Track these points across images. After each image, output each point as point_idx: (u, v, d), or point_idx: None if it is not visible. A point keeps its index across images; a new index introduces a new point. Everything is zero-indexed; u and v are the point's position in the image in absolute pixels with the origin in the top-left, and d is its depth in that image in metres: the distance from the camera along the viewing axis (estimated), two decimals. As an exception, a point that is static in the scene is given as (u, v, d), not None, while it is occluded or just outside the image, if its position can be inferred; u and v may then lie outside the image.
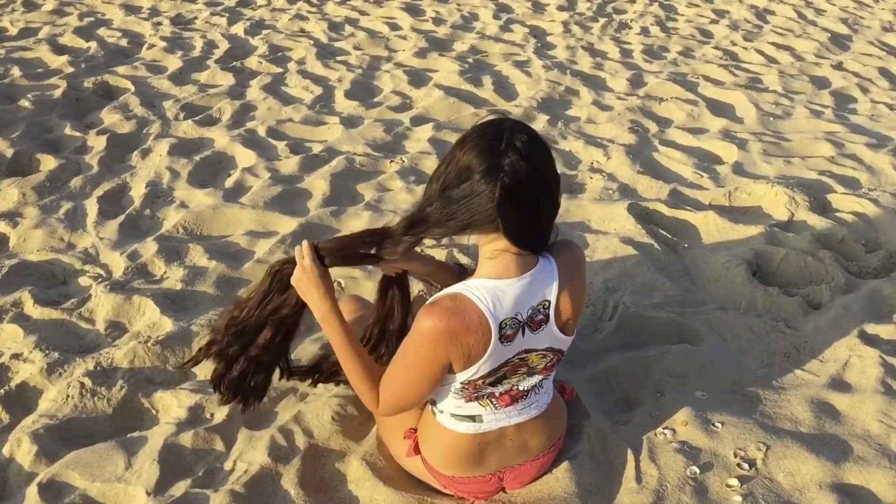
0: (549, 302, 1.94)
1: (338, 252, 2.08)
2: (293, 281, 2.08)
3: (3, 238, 3.59)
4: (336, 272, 2.89)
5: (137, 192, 3.98)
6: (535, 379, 2.06)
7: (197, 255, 3.41)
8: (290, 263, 2.12)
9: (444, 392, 2.02)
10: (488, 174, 1.78)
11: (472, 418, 2.06)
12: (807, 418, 2.46)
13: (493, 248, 1.90)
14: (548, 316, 1.95)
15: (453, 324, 1.85)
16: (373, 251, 2.07)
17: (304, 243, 2.08)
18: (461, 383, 1.96)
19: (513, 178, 1.78)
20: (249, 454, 2.35)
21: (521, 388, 2.05)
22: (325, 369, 2.43)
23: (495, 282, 1.89)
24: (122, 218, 3.73)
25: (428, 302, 1.92)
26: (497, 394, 2.02)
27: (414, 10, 7.39)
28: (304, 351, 2.78)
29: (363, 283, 3.19)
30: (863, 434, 2.40)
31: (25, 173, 4.14)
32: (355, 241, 2.09)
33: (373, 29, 6.85)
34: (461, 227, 1.85)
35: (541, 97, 5.26)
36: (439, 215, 1.86)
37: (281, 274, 2.14)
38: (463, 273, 2.27)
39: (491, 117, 1.93)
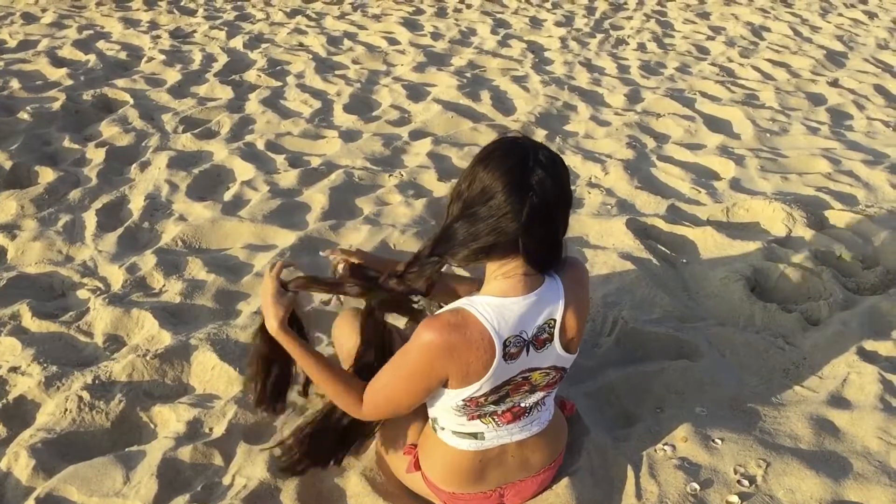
0: (555, 321, 1.94)
1: (304, 284, 2.14)
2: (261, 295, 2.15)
3: (2, 250, 3.58)
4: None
5: (136, 204, 3.98)
6: (538, 396, 2.05)
7: (196, 269, 3.41)
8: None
9: (445, 410, 2.01)
10: (517, 193, 1.77)
11: (474, 436, 2.05)
12: (806, 435, 2.46)
13: (501, 268, 1.89)
14: (552, 335, 1.95)
15: (453, 339, 1.84)
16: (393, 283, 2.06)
17: (277, 265, 2.15)
18: (463, 401, 1.95)
19: (541, 197, 1.78)
20: (248, 469, 2.34)
21: (523, 405, 2.04)
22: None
23: (501, 299, 1.88)
24: (120, 231, 3.73)
25: (429, 316, 1.91)
26: (499, 412, 2.02)
27: (412, 25, 7.43)
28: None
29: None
30: (862, 451, 2.40)
31: (24, 186, 4.14)
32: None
33: (371, 43, 6.89)
34: (485, 248, 1.82)
35: (539, 112, 5.28)
36: (464, 235, 1.83)
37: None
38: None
39: (510, 135, 1.93)
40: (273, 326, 2.08)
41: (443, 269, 2.01)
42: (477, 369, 1.88)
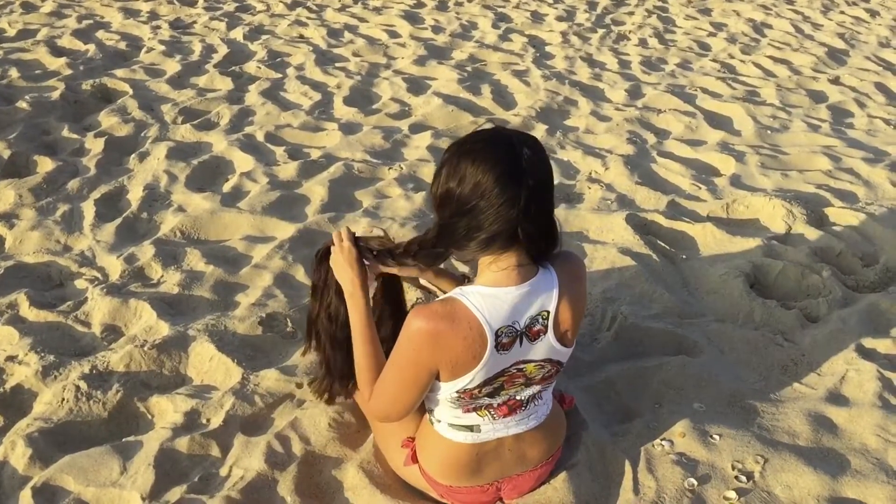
0: (549, 312, 1.93)
1: (370, 248, 2.13)
2: (331, 261, 2.15)
3: (0, 239, 3.57)
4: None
5: (135, 195, 3.97)
6: (533, 389, 2.05)
7: (194, 260, 3.40)
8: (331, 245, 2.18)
9: (441, 402, 2.01)
10: (513, 179, 1.76)
11: (470, 428, 2.05)
12: (804, 431, 2.46)
13: (497, 260, 1.88)
14: (546, 326, 1.94)
15: (440, 327, 1.84)
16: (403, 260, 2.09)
17: (344, 228, 2.14)
18: (457, 392, 1.95)
19: (535, 178, 1.79)
20: (246, 460, 2.34)
21: (518, 398, 2.04)
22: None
23: (493, 290, 1.88)
24: (119, 221, 3.72)
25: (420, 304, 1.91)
26: (495, 405, 2.01)
27: (413, 18, 7.41)
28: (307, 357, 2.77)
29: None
30: (860, 448, 2.40)
31: (22, 175, 4.13)
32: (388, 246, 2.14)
33: (372, 36, 6.86)
34: (486, 240, 1.81)
35: (539, 107, 5.27)
36: (466, 229, 1.82)
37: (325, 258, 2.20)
38: (464, 281, 2.27)
39: (484, 126, 1.93)
40: (351, 288, 2.08)
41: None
42: (466, 360, 1.87)
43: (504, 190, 1.76)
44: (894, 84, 6.06)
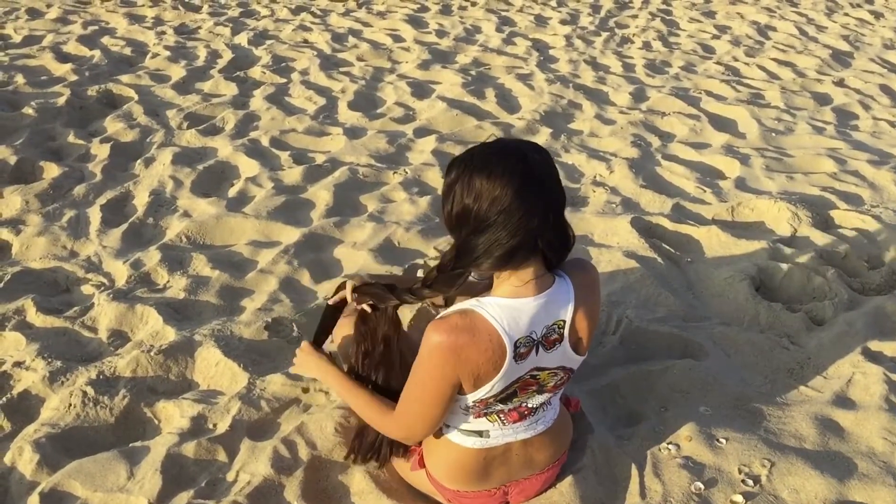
0: (565, 322, 1.93)
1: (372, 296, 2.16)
2: (296, 361, 2.32)
3: (6, 245, 3.58)
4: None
5: (140, 200, 3.98)
6: (544, 397, 2.05)
7: (200, 265, 3.41)
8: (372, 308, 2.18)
9: (453, 408, 2.01)
10: (531, 191, 1.76)
11: (479, 433, 2.05)
12: (811, 435, 2.45)
13: (514, 272, 1.87)
14: (562, 336, 1.94)
15: (461, 340, 1.83)
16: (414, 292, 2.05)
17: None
18: (472, 401, 1.95)
19: (551, 187, 1.80)
20: (252, 465, 2.34)
21: (529, 405, 2.04)
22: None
23: (512, 301, 1.87)
24: (125, 226, 3.73)
25: (437, 317, 1.90)
26: (506, 410, 2.01)
27: (417, 22, 7.42)
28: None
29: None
30: (867, 451, 2.39)
31: (29, 181, 4.14)
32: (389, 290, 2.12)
33: (376, 40, 6.88)
34: (507, 255, 1.80)
35: (543, 110, 5.27)
36: (486, 245, 1.79)
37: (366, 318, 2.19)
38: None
39: (489, 140, 1.92)
40: (320, 375, 2.24)
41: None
42: (487, 371, 1.87)
43: (524, 201, 1.75)
44: (899, 86, 6.07)
